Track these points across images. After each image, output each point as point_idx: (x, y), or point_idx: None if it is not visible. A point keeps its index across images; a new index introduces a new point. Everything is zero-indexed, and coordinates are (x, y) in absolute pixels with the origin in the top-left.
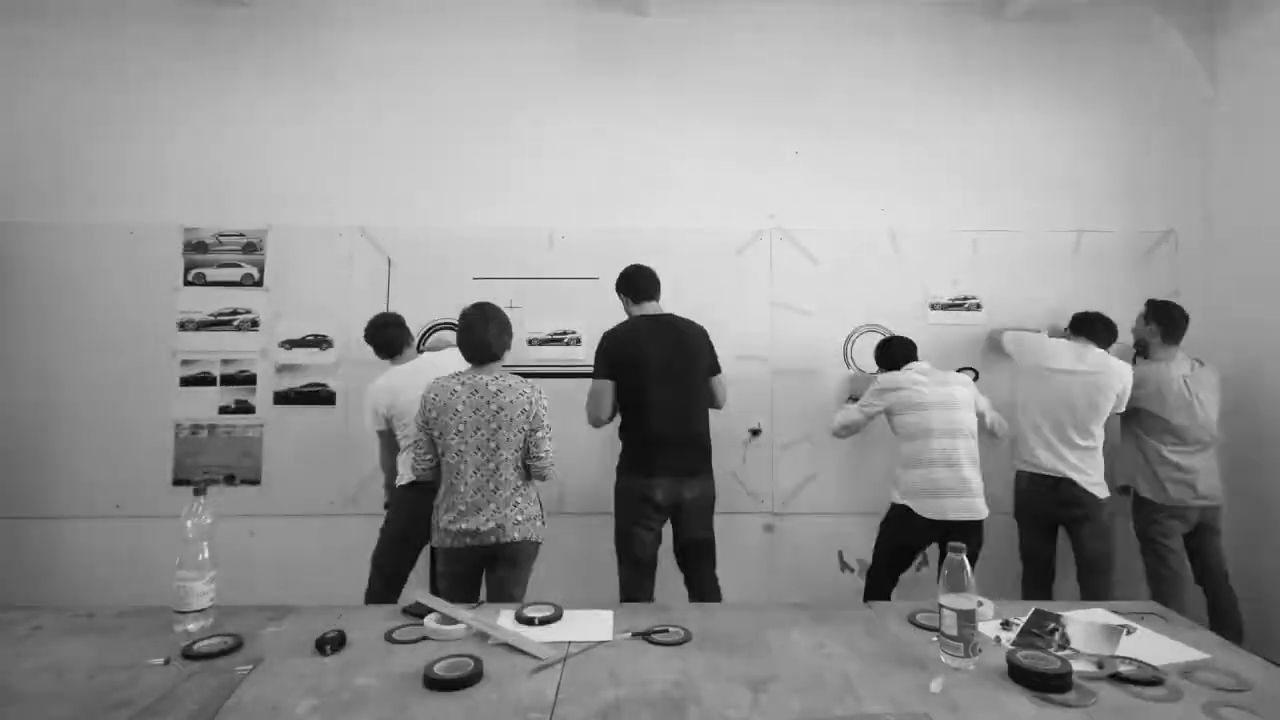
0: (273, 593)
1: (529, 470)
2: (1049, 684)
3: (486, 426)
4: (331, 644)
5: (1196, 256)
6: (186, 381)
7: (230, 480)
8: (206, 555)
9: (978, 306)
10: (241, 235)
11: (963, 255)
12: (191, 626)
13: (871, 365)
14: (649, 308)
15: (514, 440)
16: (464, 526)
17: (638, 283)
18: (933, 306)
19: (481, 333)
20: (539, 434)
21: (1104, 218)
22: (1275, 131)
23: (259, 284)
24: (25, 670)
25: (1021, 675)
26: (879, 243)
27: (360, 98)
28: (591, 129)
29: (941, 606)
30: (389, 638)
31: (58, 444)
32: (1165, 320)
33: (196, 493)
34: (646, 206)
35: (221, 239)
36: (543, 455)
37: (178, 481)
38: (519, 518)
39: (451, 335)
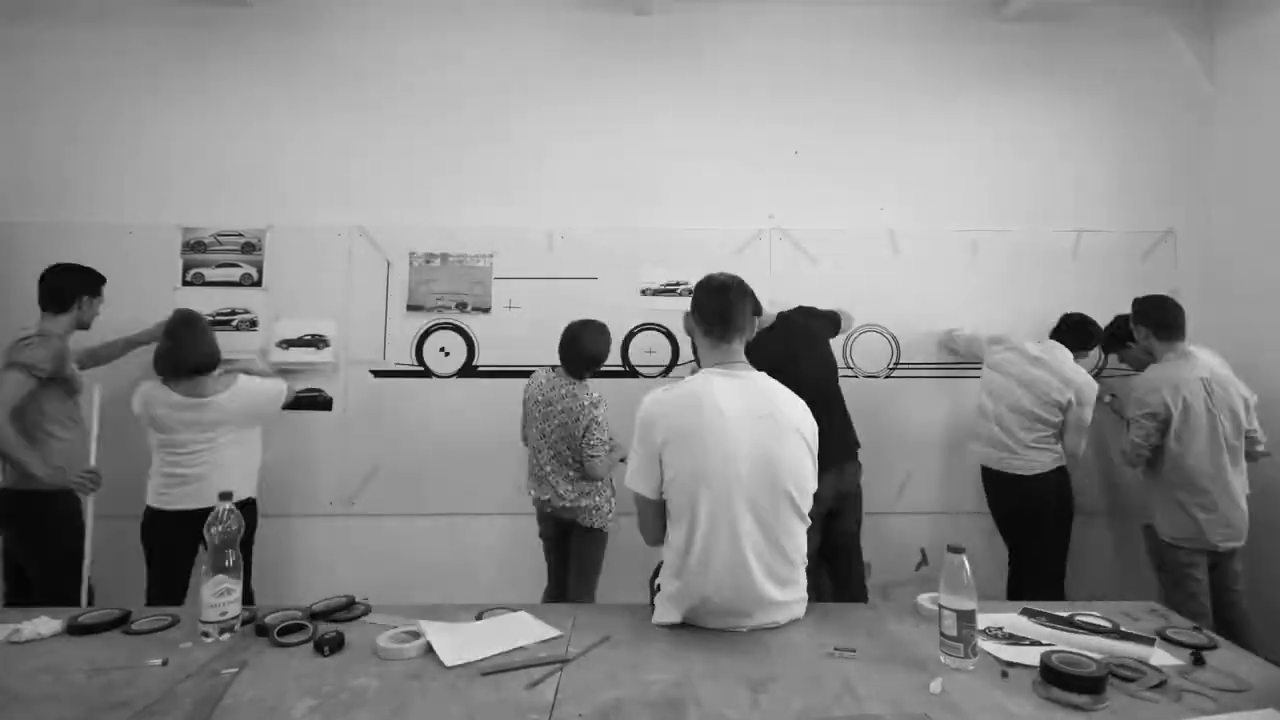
0: (270, 593)
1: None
2: (1083, 687)
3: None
4: (330, 644)
5: (1196, 256)
6: None
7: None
8: (233, 562)
9: None
10: (240, 235)
11: (963, 255)
12: (223, 637)
13: (870, 365)
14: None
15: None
16: None
17: None
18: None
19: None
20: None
21: (1104, 218)
22: (1275, 131)
23: (258, 284)
24: (24, 671)
25: (1056, 678)
26: (879, 243)
27: (360, 97)
28: (592, 129)
29: (941, 607)
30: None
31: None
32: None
33: (222, 498)
34: (646, 206)
35: (220, 239)
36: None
37: None
38: None
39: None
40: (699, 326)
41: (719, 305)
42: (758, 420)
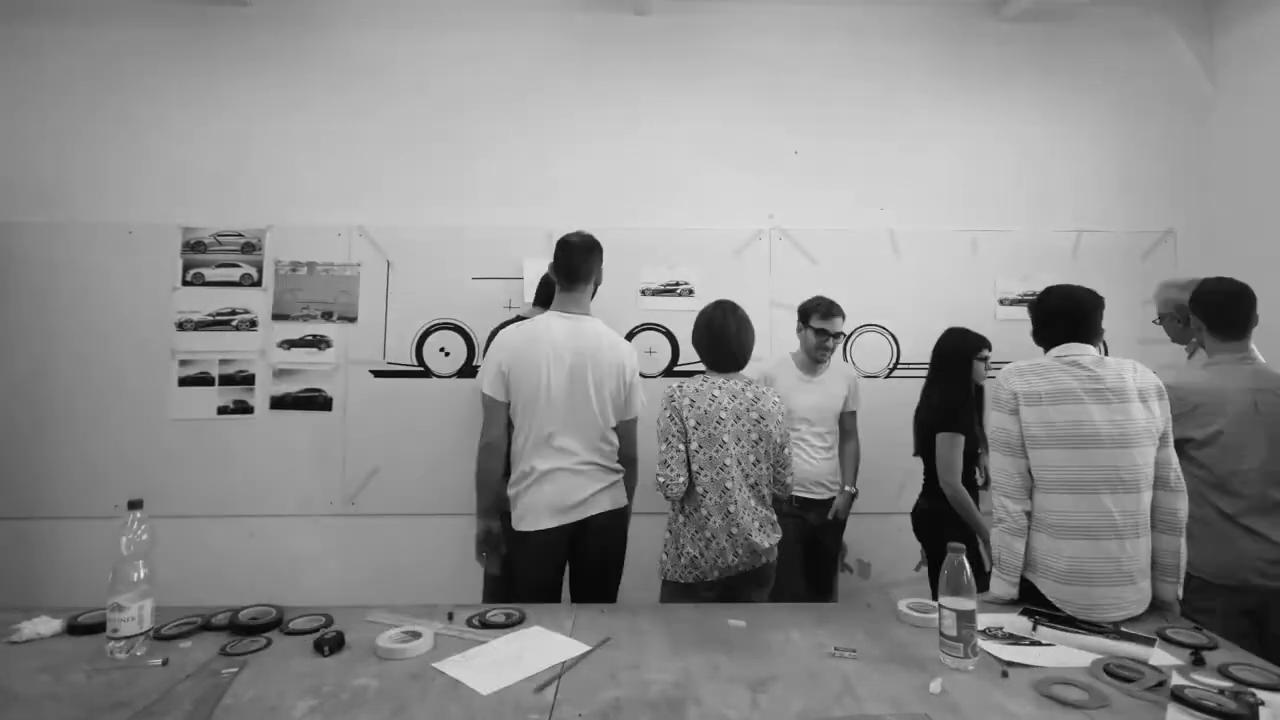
0: (270, 593)
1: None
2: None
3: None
4: (330, 645)
5: (1196, 256)
6: (185, 381)
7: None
8: (143, 575)
9: None
10: (240, 235)
11: (962, 255)
12: (120, 656)
13: (870, 365)
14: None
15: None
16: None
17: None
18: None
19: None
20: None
21: (1104, 218)
22: (1275, 131)
23: (257, 284)
24: (24, 671)
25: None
26: (879, 243)
27: (360, 97)
28: (592, 128)
29: (941, 607)
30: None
31: (56, 444)
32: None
33: (131, 506)
34: (646, 206)
35: (220, 239)
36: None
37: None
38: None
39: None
40: (554, 275)
41: (565, 258)
42: (578, 354)
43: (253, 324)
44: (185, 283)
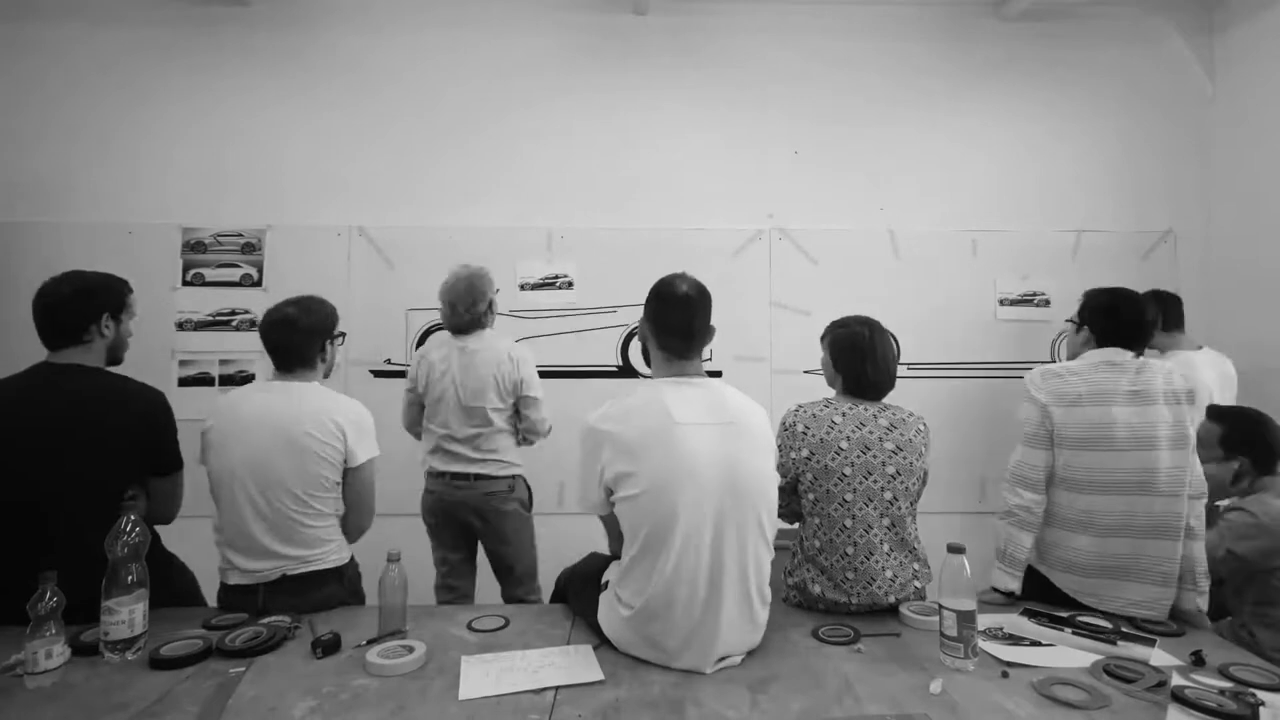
0: None
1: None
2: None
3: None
4: (324, 646)
5: (1196, 256)
6: (185, 382)
7: None
8: (136, 577)
9: None
10: (240, 235)
11: (963, 255)
12: (114, 658)
13: None
14: None
15: None
16: None
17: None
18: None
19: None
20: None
21: (1104, 218)
22: (1275, 131)
23: (258, 284)
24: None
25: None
26: (879, 243)
27: (359, 97)
28: (591, 128)
29: (941, 607)
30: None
31: None
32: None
33: (125, 509)
34: (646, 206)
35: (220, 239)
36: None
37: None
38: None
39: None
40: (654, 339)
41: (680, 318)
42: (717, 427)
43: (253, 324)
44: (185, 283)
